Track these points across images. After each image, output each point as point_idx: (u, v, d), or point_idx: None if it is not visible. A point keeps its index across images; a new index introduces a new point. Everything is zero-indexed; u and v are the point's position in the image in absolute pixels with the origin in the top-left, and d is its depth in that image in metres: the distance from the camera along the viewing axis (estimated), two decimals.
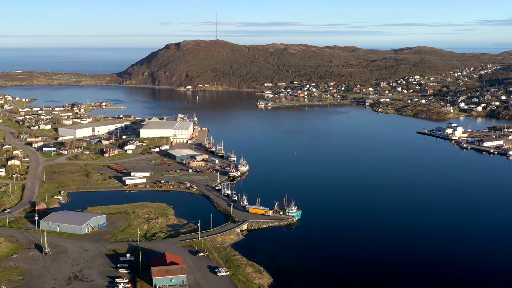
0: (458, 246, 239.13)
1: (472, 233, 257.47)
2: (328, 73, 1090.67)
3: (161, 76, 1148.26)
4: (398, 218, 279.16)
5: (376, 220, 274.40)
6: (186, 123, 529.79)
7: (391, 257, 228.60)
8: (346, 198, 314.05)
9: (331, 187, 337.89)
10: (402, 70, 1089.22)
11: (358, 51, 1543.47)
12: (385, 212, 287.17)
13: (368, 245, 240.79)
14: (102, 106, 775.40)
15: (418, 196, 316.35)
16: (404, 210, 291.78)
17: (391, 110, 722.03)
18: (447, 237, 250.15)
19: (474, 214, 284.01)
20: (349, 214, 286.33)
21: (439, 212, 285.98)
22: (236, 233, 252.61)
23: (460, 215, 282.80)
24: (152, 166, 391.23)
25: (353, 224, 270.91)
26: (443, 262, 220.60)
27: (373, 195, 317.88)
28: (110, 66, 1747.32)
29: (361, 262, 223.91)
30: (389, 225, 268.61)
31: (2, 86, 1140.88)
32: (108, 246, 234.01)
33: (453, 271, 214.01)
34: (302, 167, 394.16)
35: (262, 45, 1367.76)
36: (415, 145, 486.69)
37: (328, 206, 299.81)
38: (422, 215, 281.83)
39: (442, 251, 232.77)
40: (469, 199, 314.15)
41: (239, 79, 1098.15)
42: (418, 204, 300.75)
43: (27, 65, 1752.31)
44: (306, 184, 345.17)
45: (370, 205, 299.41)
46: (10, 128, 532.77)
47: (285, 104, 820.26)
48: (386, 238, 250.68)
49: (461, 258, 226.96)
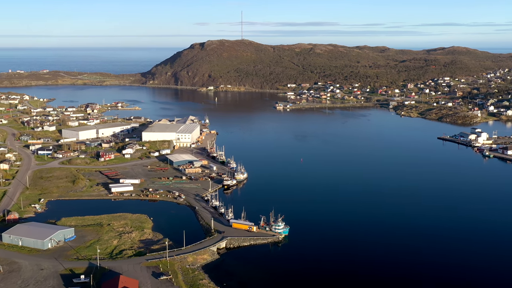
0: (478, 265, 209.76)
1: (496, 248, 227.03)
2: (354, 74, 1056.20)
3: (184, 76, 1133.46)
4: (408, 239, 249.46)
5: (381, 242, 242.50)
6: (192, 126, 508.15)
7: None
8: (345, 212, 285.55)
9: (330, 200, 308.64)
10: (432, 71, 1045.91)
11: (389, 51, 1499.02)
12: (391, 232, 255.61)
13: (367, 275, 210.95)
14: (118, 107, 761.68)
15: (422, 210, 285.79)
16: (413, 228, 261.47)
17: (415, 113, 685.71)
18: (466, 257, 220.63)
19: (489, 229, 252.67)
20: (346, 230, 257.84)
21: (443, 225, 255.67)
22: (211, 252, 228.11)
23: (473, 230, 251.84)
24: (146, 172, 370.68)
25: (351, 243, 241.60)
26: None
27: (378, 212, 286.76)
28: (139, 66, 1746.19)
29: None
30: (399, 248, 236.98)
31: (27, 85, 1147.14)
32: (66, 264, 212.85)
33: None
34: (305, 175, 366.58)
35: (288, 45, 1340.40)
36: (433, 153, 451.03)
37: (324, 221, 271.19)
38: (425, 229, 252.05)
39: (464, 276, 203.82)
40: (481, 212, 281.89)
41: (262, 79, 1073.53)
42: (422, 217, 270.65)
43: (59, 65, 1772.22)
44: (304, 195, 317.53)
45: (372, 222, 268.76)
46: (14, 129, 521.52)
47: (305, 106, 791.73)
48: (395, 267, 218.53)
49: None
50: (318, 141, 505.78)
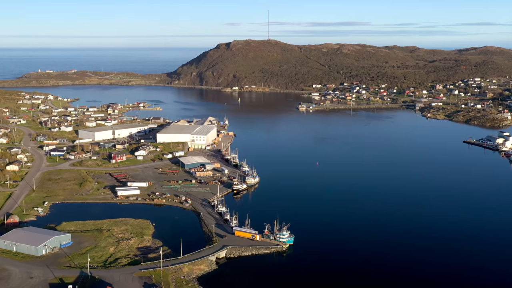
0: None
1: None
2: (381, 74, 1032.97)
3: (209, 77, 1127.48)
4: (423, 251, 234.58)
5: (398, 258, 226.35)
6: (208, 128, 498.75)
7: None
8: (356, 221, 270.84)
9: (342, 208, 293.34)
10: (462, 71, 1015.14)
11: (419, 51, 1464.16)
12: (407, 245, 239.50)
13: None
14: (140, 107, 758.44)
15: (437, 221, 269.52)
16: (435, 241, 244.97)
17: (442, 115, 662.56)
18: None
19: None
20: (357, 242, 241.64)
21: (451, 238, 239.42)
22: (208, 262, 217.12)
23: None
24: (157, 175, 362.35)
25: (362, 257, 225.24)
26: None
27: (393, 222, 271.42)
28: (168, 66, 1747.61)
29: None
30: (419, 262, 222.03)
31: (54, 85, 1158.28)
32: (57, 272, 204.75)
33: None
34: (319, 181, 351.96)
35: (316, 45, 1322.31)
36: (457, 158, 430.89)
37: (334, 231, 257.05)
38: (438, 239, 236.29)
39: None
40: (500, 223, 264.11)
41: (287, 80, 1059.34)
42: (436, 228, 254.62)
43: (89, 65, 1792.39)
44: (315, 202, 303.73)
45: (388, 235, 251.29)
46: (31, 129, 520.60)
47: (328, 107, 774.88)
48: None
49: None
50: (338, 143, 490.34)
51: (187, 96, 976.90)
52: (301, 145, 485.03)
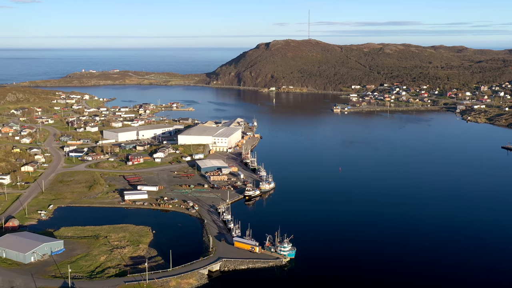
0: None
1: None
2: (423, 75, 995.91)
3: (247, 77, 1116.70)
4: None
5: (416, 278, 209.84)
6: (232, 130, 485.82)
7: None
8: (371, 233, 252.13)
9: (356, 219, 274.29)
10: (509, 72, 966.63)
11: (466, 51, 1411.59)
12: (424, 263, 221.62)
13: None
14: (173, 107, 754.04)
15: (461, 239, 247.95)
16: (460, 258, 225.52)
17: (483, 118, 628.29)
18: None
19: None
20: (367, 260, 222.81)
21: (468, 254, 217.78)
22: (199, 275, 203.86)
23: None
24: (171, 179, 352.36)
25: (371, 277, 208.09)
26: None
27: (411, 237, 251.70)
28: (211, 66, 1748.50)
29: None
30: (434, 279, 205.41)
31: (95, 85, 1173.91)
32: (40, 282, 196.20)
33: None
34: (339, 188, 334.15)
35: (357, 45, 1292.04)
36: (493, 165, 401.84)
37: (342, 245, 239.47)
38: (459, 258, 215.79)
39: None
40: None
41: (325, 80, 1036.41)
42: (460, 248, 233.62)
43: (134, 65, 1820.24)
44: (329, 212, 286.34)
45: (407, 252, 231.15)
46: (57, 129, 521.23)
47: (364, 109, 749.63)
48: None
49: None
50: (366, 148, 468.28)
51: (224, 97, 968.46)
52: (326, 149, 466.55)
